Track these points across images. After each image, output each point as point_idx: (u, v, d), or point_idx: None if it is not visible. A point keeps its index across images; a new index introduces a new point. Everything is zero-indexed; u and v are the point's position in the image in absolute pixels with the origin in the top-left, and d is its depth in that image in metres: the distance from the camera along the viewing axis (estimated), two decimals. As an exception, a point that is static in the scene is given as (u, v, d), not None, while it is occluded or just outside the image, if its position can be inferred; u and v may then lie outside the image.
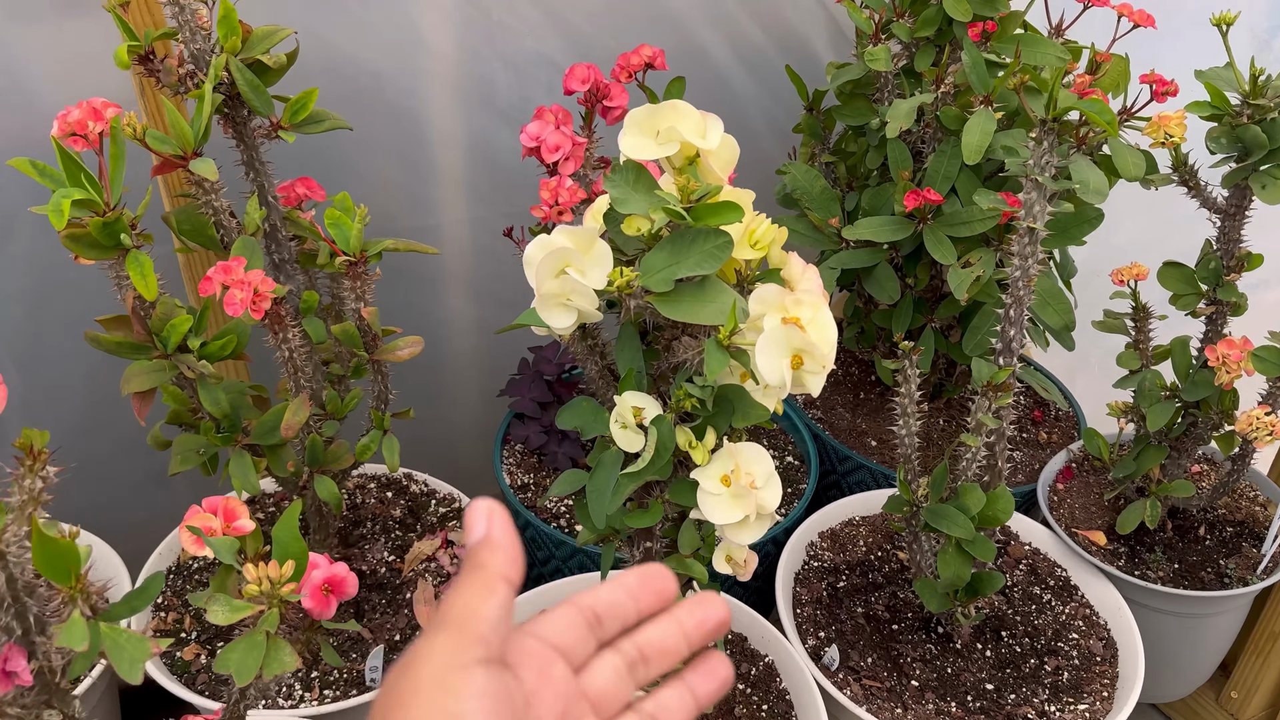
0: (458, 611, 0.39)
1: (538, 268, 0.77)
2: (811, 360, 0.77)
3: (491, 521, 0.42)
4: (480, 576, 0.40)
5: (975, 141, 1.26)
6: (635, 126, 0.80)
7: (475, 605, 0.39)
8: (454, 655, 0.37)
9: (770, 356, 0.77)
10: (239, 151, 1.09)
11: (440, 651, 0.37)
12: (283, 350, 1.01)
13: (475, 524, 0.42)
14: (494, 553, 0.41)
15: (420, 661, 0.37)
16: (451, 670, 0.36)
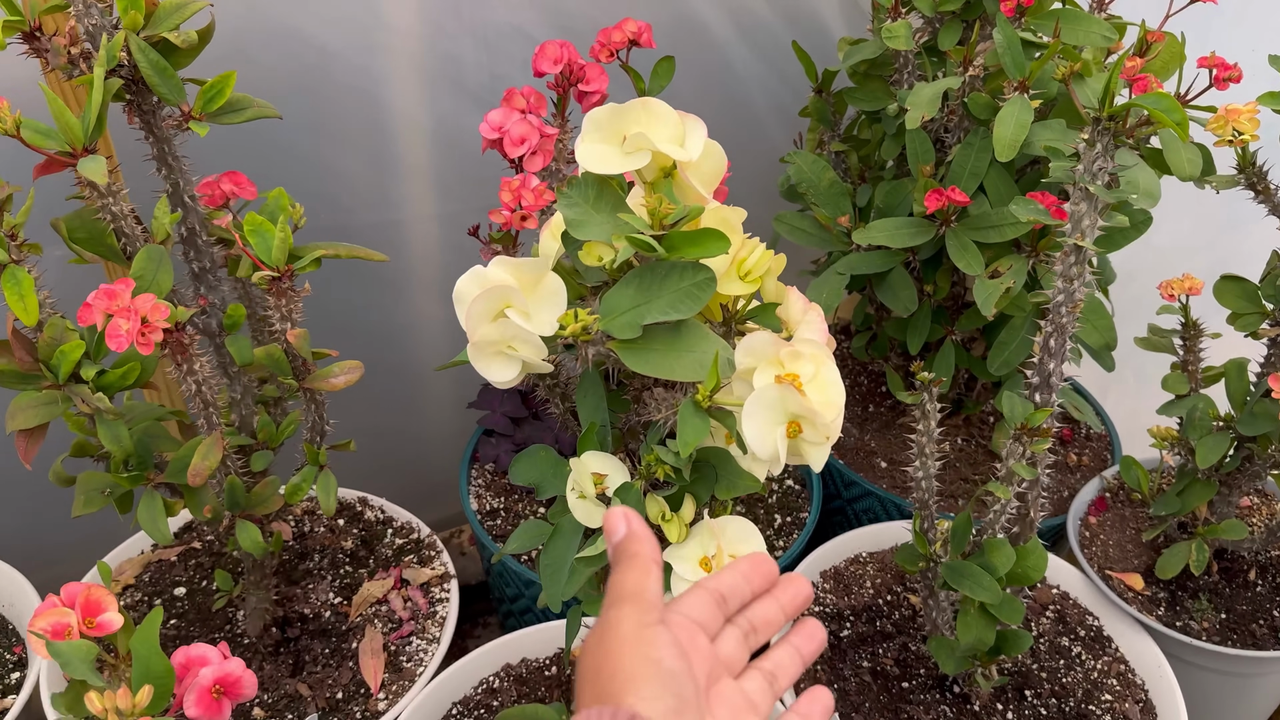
0: (630, 588, 0.48)
1: (469, 309, 0.61)
2: (812, 429, 0.61)
3: (629, 521, 0.53)
4: (637, 563, 0.50)
5: (1009, 135, 1.09)
6: (596, 130, 0.64)
7: (643, 582, 0.49)
8: (641, 618, 0.47)
9: (760, 423, 0.61)
10: (149, 145, 0.93)
11: (629, 617, 0.47)
12: (188, 383, 0.86)
13: (616, 527, 0.53)
14: (641, 544, 0.51)
15: (615, 625, 0.47)
16: (643, 628, 0.46)
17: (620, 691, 0.43)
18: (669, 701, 0.43)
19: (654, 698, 0.43)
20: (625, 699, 0.43)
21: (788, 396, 0.61)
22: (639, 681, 0.44)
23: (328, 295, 1.33)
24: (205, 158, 1.18)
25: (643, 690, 0.43)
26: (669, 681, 0.44)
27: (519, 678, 1.12)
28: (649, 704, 0.43)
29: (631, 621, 0.46)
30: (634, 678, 0.44)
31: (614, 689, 0.44)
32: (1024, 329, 1.22)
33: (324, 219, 1.25)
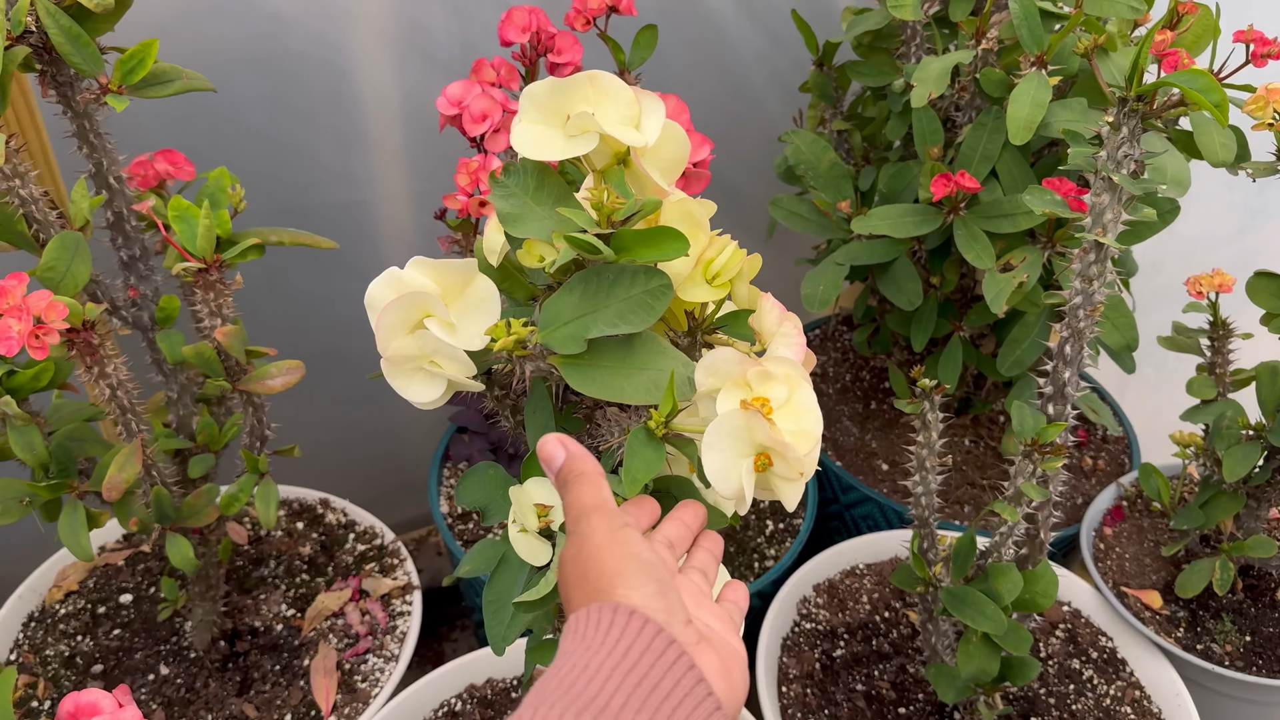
0: (590, 501, 0.51)
1: (381, 318, 0.52)
2: (784, 462, 0.52)
3: (566, 444, 0.54)
4: (586, 480, 0.52)
5: (1024, 115, 0.99)
6: (535, 109, 0.54)
7: (600, 494, 0.51)
8: (611, 523, 0.50)
9: (723, 456, 0.52)
10: (69, 121, 0.84)
11: (601, 524, 0.50)
12: (100, 387, 0.77)
13: (554, 454, 0.53)
14: (586, 461, 0.53)
15: (589, 534, 0.50)
16: (615, 531, 0.49)
17: (609, 587, 0.47)
18: (653, 586, 0.47)
19: (640, 585, 0.47)
20: (615, 592, 0.47)
21: (755, 425, 0.52)
22: (624, 574, 0.47)
23: (288, 285, 1.24)
24: (148, 135, 1.09)
25: (630, 580, 0.47)
26: (650, 570, 0.48)
27: (483, 700, 1.04)
28: (637, 591, 0.47)
29: (604, 528, 0.49)
30: (619, 572, 0.47)
31: (602, 586, 0.47)
32: (1037, 326, 1.12)
33: (281, 200, 1.16)
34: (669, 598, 0.48)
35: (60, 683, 1.03)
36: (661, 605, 0.47)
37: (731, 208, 1.48)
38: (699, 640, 0.48)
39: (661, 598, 0.47)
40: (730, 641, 0.51)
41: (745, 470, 0.53)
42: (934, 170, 1.08)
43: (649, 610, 0.46)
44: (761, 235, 1.46)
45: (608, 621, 0.46)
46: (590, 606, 0.47)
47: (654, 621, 0.46)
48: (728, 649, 0.50)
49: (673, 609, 0.47)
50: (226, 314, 0.82)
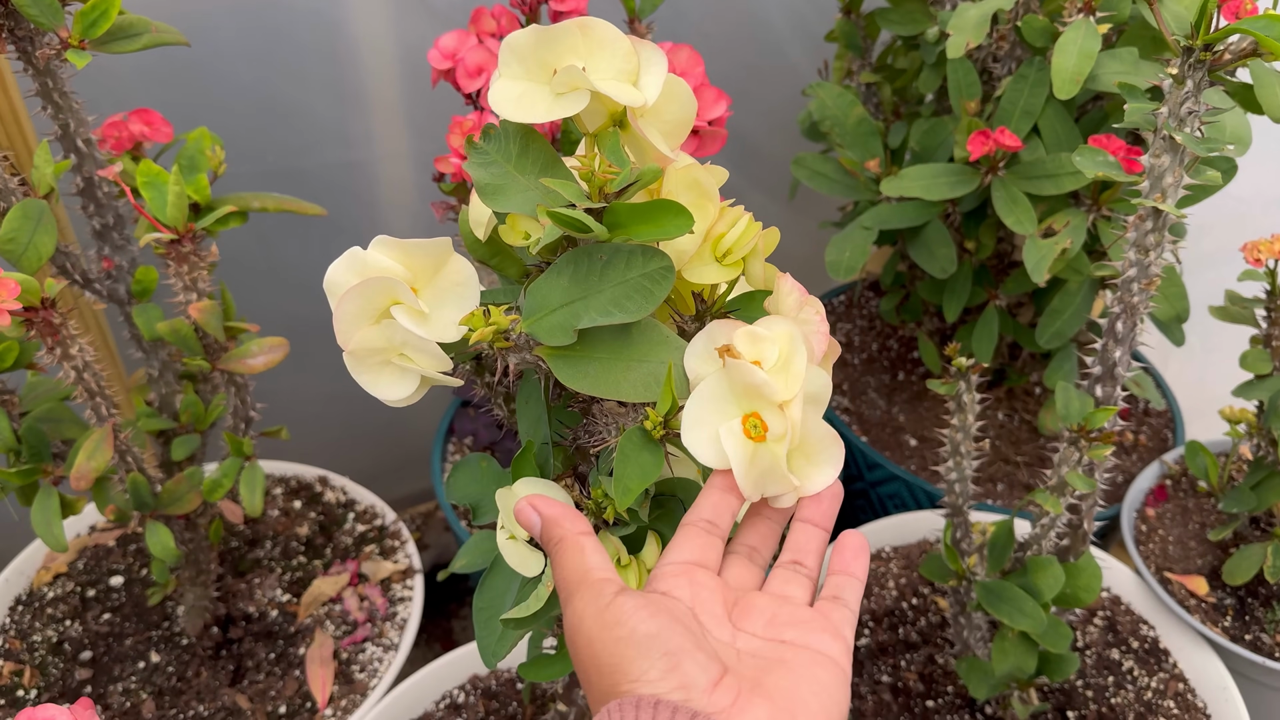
0: (572, 575, 0.46)
1: (340, 306, 0.45)
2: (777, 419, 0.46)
3: (539, 509, 0.49)
4: (565, 546, 0.47)
5: (1070, 66, 0.91)
6: (516, 62, 0.47)
7: (580, 564, 0.46)
8: (596, 601, 0.44)
9: (706, 428, 0.46)
10: (31, 79, 0.77)
11: (587, 606, 0.44)
12: (65, 369, 0.71)
13: (530, 521, 0.49)
14: (561, 525, 0.47)
15: (579, 622, 0.44)
16: (602, 612, 0.43)
17: (612, 686, 0.42)
18: (660, 665, 0.41)
19: (642, 674, 0.42)
20: (620, 689, 0.42)
21: (734, 373, 0.45)
22: (622, 667, 0.42)
23: (282, 252, 1.18)
24: (128, 95, 1.02)
25: (629, 672, 0.42)
26: (650, 645, 0.42)
27: (487, 691, 0.99)
28: (641, 682, 0.41)
29: (590, 610, 0.44)
30: (617, 666, 0.42)
31: (607, 684, 0.42)
32: (1080, 295, 1.04)
33: (271, 162, 1.09)
34: (683, 665, 0.41)
35: (48, 670, 0.99)
36: (674, 683, 0.41)
37: (750, 167, 1.40)
38: (736, 697, 0.41)
39: (672, 674, 0.41)
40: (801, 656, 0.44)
41: (729, 432, 0.46)
42: (971, 127, 1.00)
43: (663, 693, 0.41)
44: (783, 197, 1.38)
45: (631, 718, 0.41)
46: (609, 707, 0.41)
47: (679, 706, 0.40)
48: (792, 672, 0.43)
49: (689, 680, 0.41)
50: (202, 288, 0.76)
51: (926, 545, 1.14)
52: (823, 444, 0.48)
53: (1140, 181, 0.73)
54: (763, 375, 0.45)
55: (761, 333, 0.47)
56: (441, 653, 1.33)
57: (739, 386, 0.46)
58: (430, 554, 1.40)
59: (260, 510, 0.83)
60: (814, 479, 0.48)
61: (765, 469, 0.47)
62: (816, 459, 0.48)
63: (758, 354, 0.47)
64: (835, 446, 0.48)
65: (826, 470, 0.49)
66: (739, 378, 0.46)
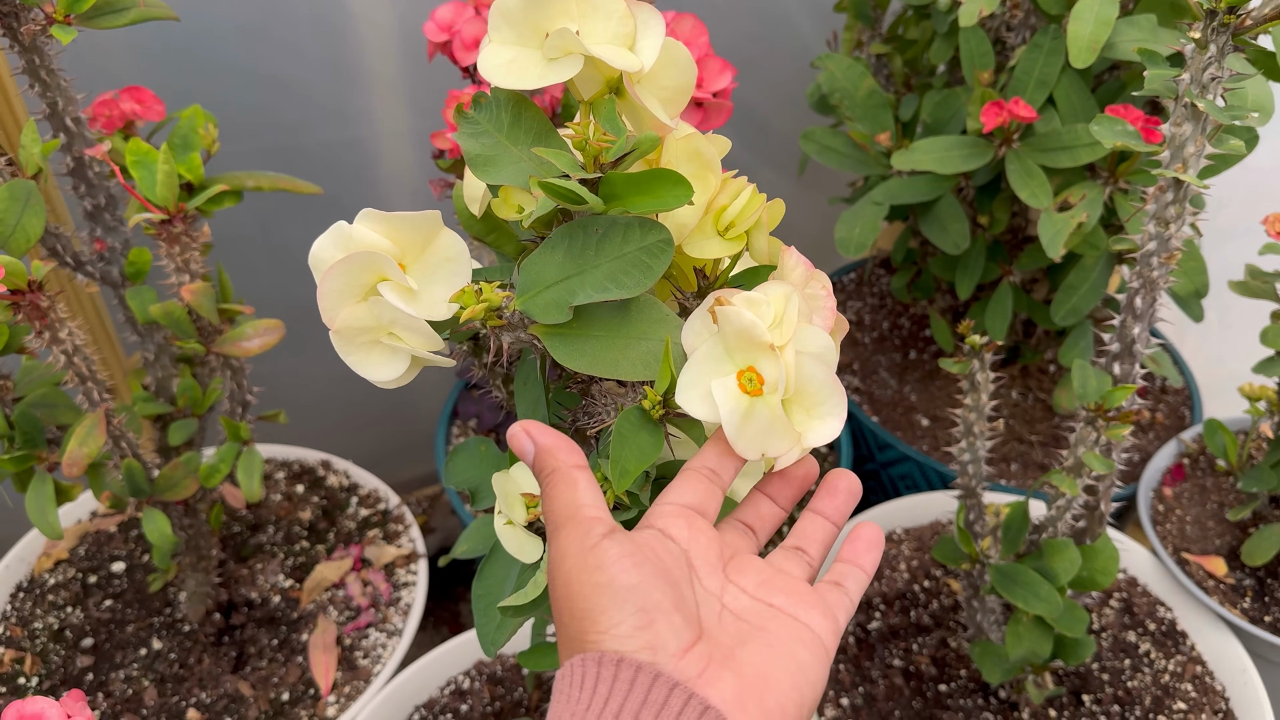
0: (562, 509, 0.43)
1: (324, 282, 0.43)
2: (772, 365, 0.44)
3: (534, 436, 0.45)
4: (558, 478, 0.44)
5: (1087, 34, 0.88)
6: (507, 26, 0.45)
7: (571, 499, 0.43)
8: (582, 540, 0.42)
9: (697, 379, 0.44)
10: (17, 56, 0.75)
11: (571, 544, 0.42)
12: (54, 354, 0.70)
13: (523, 447, 0.45)
14: (553, 455, 0.45)
15: (561, 558, 0.42)
16: (586, 552, 0.41)
17: (581, 632, 0.41)
18: (632, 620, 0.40)
19: (613, 625, 0.40)
20: (588, 638, 0.40)
21: (727, 325, 0.43)
22: (594, 614, 0.40)
23: (281, 232, 1.16)
24: (120, 73, 1.00)
25: (600, 622, 0.40)
26: (626, 598, 0.40)
27: (493, 677, 0.97)
28: (610, 634, 0.40)
29: (574, 549, 0.42)
30: (589, 612, 0.41)
31: (575, 630, 0.41)
32: (1096, 271, 1.02)
33: (268, 140, 1.07)
34: (655, 625, 0.40)
35: (49, 657, 0.98)
36: (644, 640, 0.39)
37: (758, 141, 1.37)
38: (705, 666, 0.40)
39: (643, 632, 0.40)
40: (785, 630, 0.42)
41: (721, 386, 0.44)
42: (984, 98, 0.97)
43: (628, 651, 0.39)
44: (791, 172, 1.36)
45: (593, 677, 0.39)
46: (572, 661, 0.40)
47: (644, 666, 0.38)
48: (770, 648, 0.41)
49: (659, 642, 0.39)
50: (195, 270, 0.74)
51: (939, 527, 1.12)
52: (823, 393, 0.45)
53: (1160, 152, 0.70)
54: (751, 317, 0.43)
55: (757, 297, 0.45)
56: (448, 637, 1.31)
57: (732, 339, 0.44)
58: (436, 538, 1.39)
59: (259, 496, 0.81)
60: (817, 431, 0.46)
61: (763, 424, 0.44)
62: (817, 409, 0.46)
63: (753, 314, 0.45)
64: (836, 395, 0.45)
65: (830, 422, 0.46)
66: (730, 328, 0.44)
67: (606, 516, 0.43)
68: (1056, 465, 0.77)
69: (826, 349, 0.46)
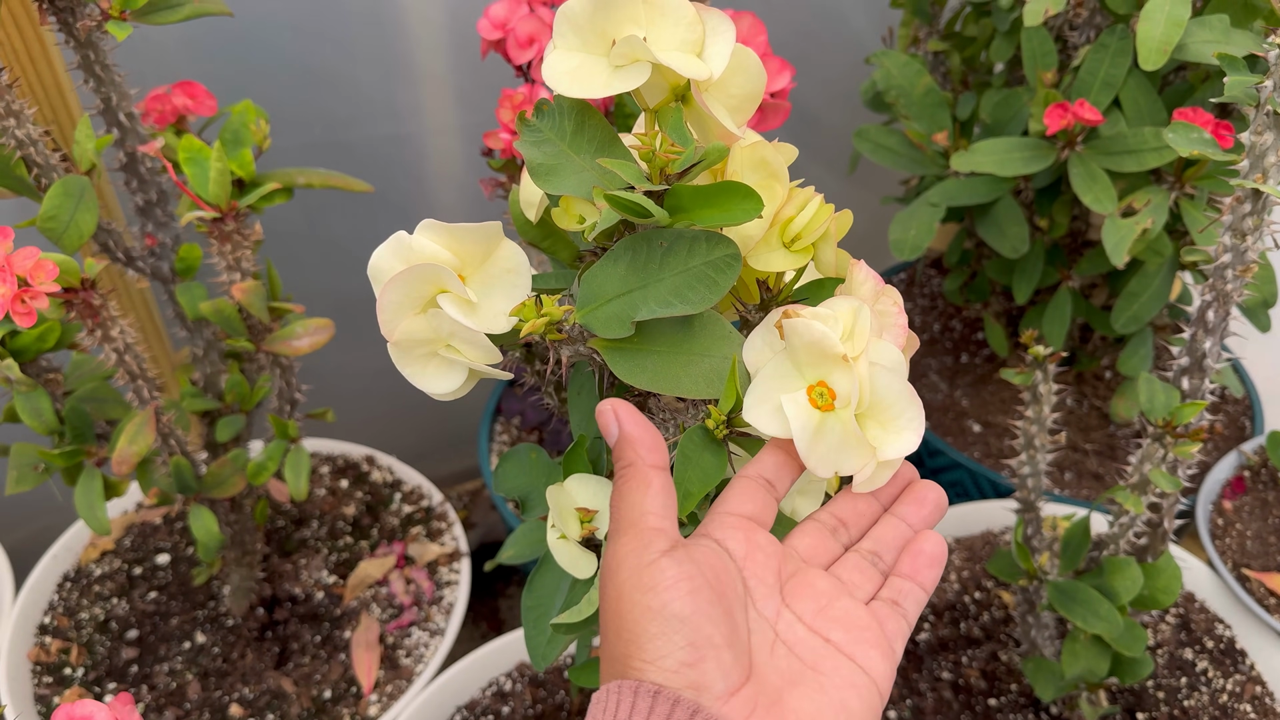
0: (627, 513, 0.41)
1: (384, 294, 0.42)
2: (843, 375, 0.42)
3: (621, 420, 0.43)
4: (632, 474, 0.42)
5: (1158, 35, 0.85)
6: (572, 32, 0.43)
7: (640, 502, 0.41)
8: (640, 554, 0.40)
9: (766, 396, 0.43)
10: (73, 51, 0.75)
11: (628, 556, 0.40)
12: (105, 352, 0.69)
13: (608, 428, 0.43)
14: (634, 448, 0.42)
15: (616, 568, 0.40)
16: (642, 569, 0.39)
17: (626, 655, 0.39)
18: (680, 655, 0.38)
19: (658, 657, 0.38)
20: (631, 665, 0.38)
21: (796, 337, 0.42)
22: (643, 640, 0.38)
23: (329, 227, 1.16)
24: (173, 66, 1.00)
25: (646, 650, 0.38)
26: (679, 630, 0.38)
27: (535, 680, 0.96)
28: (654, 665, 0.38)
29: (630, 561, 0.40)
30: (635, 637, 0.39)
31: (620, 652, 0.39)
32: (1159, 278, 0.99)
33: (318, 135, 1.07)
34: (704, 664, 0.38)
35: (94, 648, 0.98)
36: (690, 678, 0.37)
37: (808, 139, 1.35)
38: (750, 713, 0.38)
39: (691, 668, 0.38)
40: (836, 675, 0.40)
41: (791, 400, 0.42)
42: (1048, 99, 0.94)
43: (672, 687, 0.37)
44: (841, 170, 1.33)
45: (627, 705, 0.37)
46: (609, 686, 0.38)
47: (682, 702, 0.37)
48: (821, 694, 0.39)
49: (705, 682, 0.37)
50: (246, 268, 0.74)
51: (991, 537, 1.09)
52: (899, 405, 0.43)
53: (1237, 160, 0.67)
54: (821, 327, 0.41)
55: (825, 313, 0.44)
56: (488, 633, 1.31)
57: (802, 353, 0.43)
58: (477, 533, 1.39)
59: (305, 494, 0.81)
60: (893, 445, 0.44)
61: (836, 440, 0.43)
62: (893, 423, 0.44)
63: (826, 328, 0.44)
64: (913, 407, 0.43)
65: (906, 435, 0.44)
66: (800, 340, 0.42)
67: (671, 529, 0.41)
68: (1111, 475, 0.75)
69: (897, 363, 0.45)
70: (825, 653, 0.41)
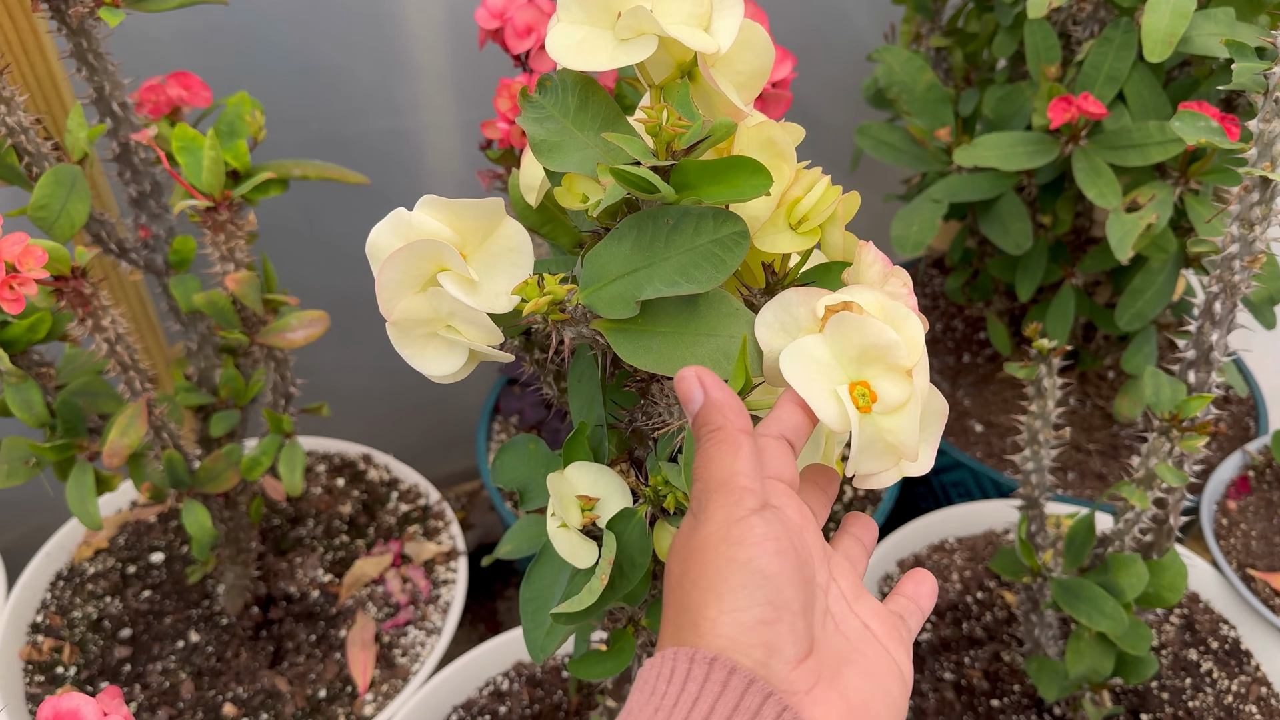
0: (716, 474, 0.40)
1: (382, 272, 0.41)
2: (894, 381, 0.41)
3: (706, 385, 0.41)
4: (721, 437, 0.41)
5: (1163, 27, 0.85)
6: (577, 4, 0.43)
7: (730, 464, 0.40)
8: (731, 511, 0.39)
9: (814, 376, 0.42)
10: (65, 39, 0.74)
11: (717, 511, 0.39)
12: (97, 342, 0.68)
13: (692, 393, 0.42)
14: (722, 412, 0.41)
15: (704, 523, 0.39)
16: (732, 524, 0.39)
17: (701, 604, 0.37)
18: (758, 611, 0.37)
19: (736, 608, 0.37)
20: (705, 615, 0.37)
21: (854, 334, 0.41)
22: (721, 590, 0.37)
23: (326, 222, 1.15)
24: (168, 58, 0.99)
25: (725, 600, 0.37)
26: (761, 586, 0.37)
27: (532, 679, 0.95)
28: (729, 617, 0.37)
29: (720, 516, 0.39)
30: (715, 585, 0.38)
31: (695, 600, 0.38)
32: (1163, 274, 0.98)
33: (315, 129, 1.06)
34: (779, 625, 0.37)
35: (87, 647, 0.97)
36: (762, 638, 0.36)
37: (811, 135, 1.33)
38: (814, 684, 0.37)
39: (767, 626, 0.37)
40: (879, 660, 0.40)
41: (842, 402, 0.41)
42: (1051, 93, 0.93)
43: (740, 650, 0.36)
44: (843, 167, 1.32)
45: (683, 675, 0.36)
46: (666, 652, 0.37)
47: (741, 672, 0.35)
48: (869, 676, 0.39)
49: (778, 642, 0.37)
50: (240, 258, 0.73)
51: (993, 536, 1.08)
52: (929, 419, 0.43)
53: (1244, 150, 0.67)
54: (893, 334, 0.40)
55: (853, 299, 0.43)
56: (486, 633, 1.30)
57: (853, 349, 0.41)
58: (475, 534, 1.37)
59: (300, 490, 0.80)
60: (920, 455, 0.44)
61: (867, 443, 0.42)
62: (922, 435, 0.43)
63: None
64: (939, 420, 0.44)
65: (926, 449, 0.44)
66: (859, 338, 0.41)
67: (761, 490, 0.40)
68: (1114, 475, 0.74)
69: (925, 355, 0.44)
70: (867, 638, 0.41)
